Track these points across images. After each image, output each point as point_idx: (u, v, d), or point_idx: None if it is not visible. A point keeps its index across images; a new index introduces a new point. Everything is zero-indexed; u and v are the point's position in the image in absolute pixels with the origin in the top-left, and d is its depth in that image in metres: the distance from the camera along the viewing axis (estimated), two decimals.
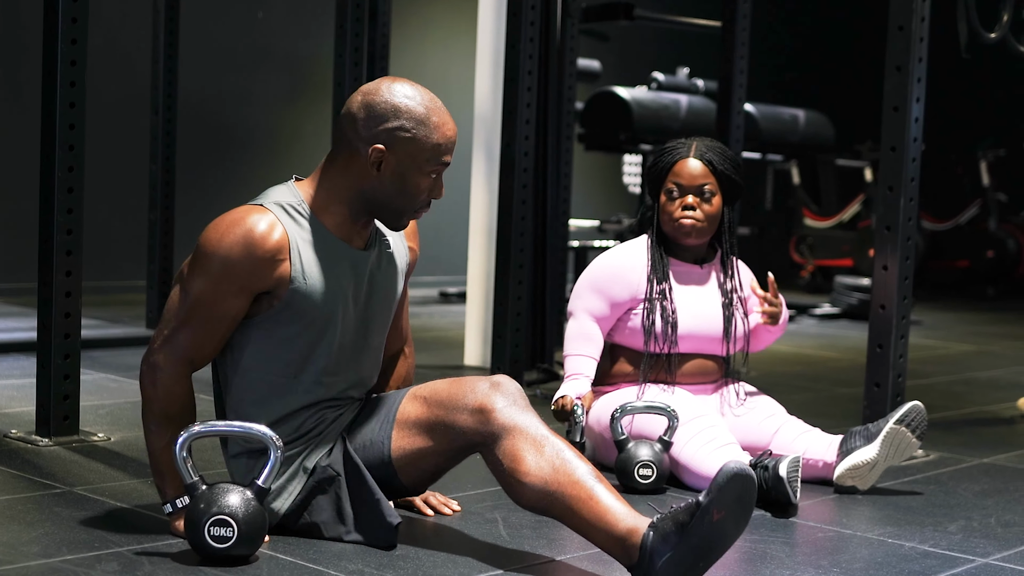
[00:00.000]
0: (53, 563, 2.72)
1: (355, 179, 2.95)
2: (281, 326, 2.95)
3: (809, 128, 9.91)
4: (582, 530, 2.77)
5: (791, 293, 10.97)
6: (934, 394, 5.78)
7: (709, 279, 4.02)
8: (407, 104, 2.92)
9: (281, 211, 2.93)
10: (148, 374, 2.92)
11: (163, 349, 2.91)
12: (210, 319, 2.89)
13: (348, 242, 3.01)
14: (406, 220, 3.03)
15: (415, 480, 3.04)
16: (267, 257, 2.86)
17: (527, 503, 2.84)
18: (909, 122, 4.25)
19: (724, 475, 2.62)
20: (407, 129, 2.90)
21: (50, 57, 3.93)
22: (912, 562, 3.07)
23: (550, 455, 2.81)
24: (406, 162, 2.92)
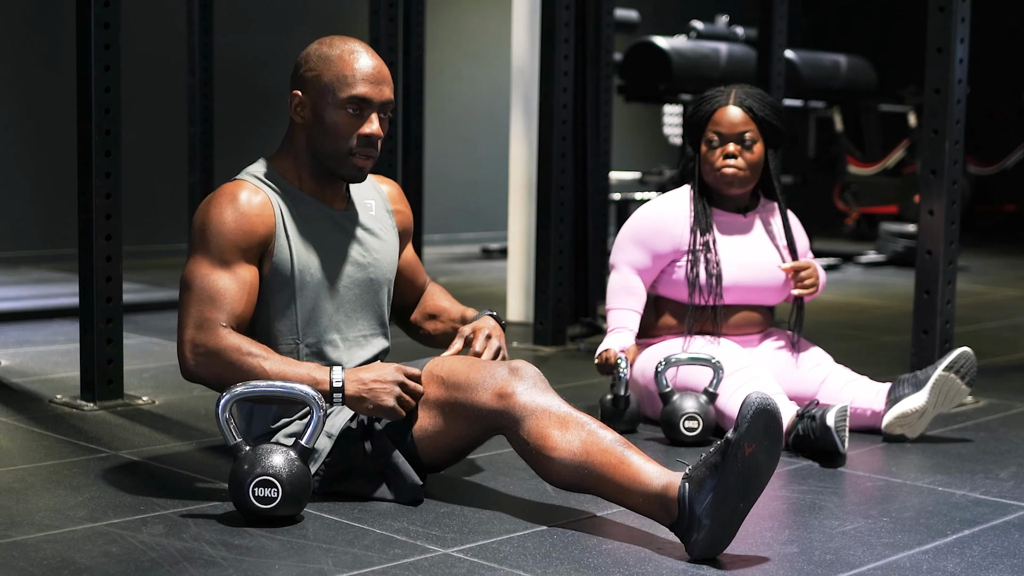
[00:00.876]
0: (99, 527, 2.72)
1: (298, 135, 3.04)
2: (276, 292, 2.98)
3: (851, 74, 9.80)
4: (617, 496, 2.74)
5: (836, 241, 10.89)
6: (982, 340, 5.72)
7: (753, 227, 3.96)
8: (319, 49, 3.00)
9: (256, 180, 3.02)
10: (193, 356, 2.88)
11: (191, 328, 2.89)
12: (226, 289, 2.89)
13: (326, 203, 3.07)
14: (348, 165, 3.01)
15: (436, 458, 3.00)
16: (255, 213, 2.93)
17: (558, 478, 2.81)
18: (953, 63, 4.18)
19: (748, 407, 2.58)
20: (312, 68, 2.99)
21: (84, 20, 3.92)
22: (963, 510, 3.03)
23: (575, 429, 2.78)
24: (318, 101, 2.98)
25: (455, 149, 10.84)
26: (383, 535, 2.71)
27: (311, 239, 3.01)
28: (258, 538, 2.66)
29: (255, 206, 2.94)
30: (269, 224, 2.95)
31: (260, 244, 2.94)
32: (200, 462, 3.33)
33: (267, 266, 2.97)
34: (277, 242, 2.96)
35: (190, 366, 2.89)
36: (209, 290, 2.89)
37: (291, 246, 2.98)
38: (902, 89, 11.27)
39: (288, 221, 2.98)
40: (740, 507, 2.60)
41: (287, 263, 2.97)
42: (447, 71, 10.72)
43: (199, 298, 2.89)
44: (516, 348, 5.30)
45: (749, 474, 2.58)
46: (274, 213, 2.96)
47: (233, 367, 2.85)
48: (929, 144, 4.23)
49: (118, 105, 3.96)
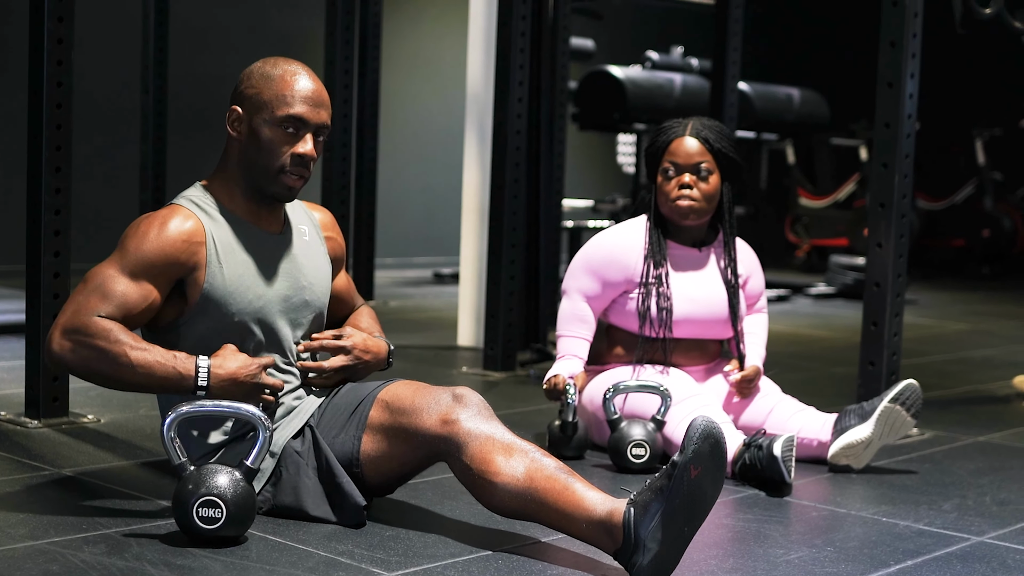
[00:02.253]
0: (40, 545, 2.69)
1: (230, 154, 3.05)
2: (210, 318, 2.97)
3: (804, 107, 9.88)
4: (560, 523, 2.73)
5: (786, 273, 10.95)
6: (929, 373, 5.76)
7: (708, 262, 3.97)
8: (262, 68, 3.03)
9: (192, 204, 3.01)
10: (60, 338, 2.84)
11: (68, 314, 2.86)
12: (124, 293, 2.87)
13: (261, 226, 3.07)
14: (279, 183, 3.01)
15: (381, 482, 3.00)
16: (183, 240, 2.93)
17: (500, 504, 2.79)
18: (903, 98, 4.22)
19: (694, 430, 2.59)
20: (253, 85, 3.01)
21: (37, 35, 3.89)
22: (907, 541, 3.05)
23: (519, 456, 2.78)
24: (255, 117, 3.00)
25: (409, 173, 10.84)
26: (327, 557, 2.70)
27: (244, 264, 3.00)
28: (201, 559, 2.64)
29: (184, 232, 2.93)
30: (197, 252, 2.94)
31: (178, 270, 2.92)
32: (144, 481, 3.30)
33: (196, 292, 2.95)
34: (208, 270, 2.95)
35: (53, 347, 2.85)
36: (103, 287, 2.87)
37: (223, 272, 2.96)
38: (854, 123, 11.38)
39: (220, 247, 2.98)
40: (685, 531, 2.60)
41: (220, 290, 2.96)
42: (402, 95, 10.73)
43: (89, 292, 2.87)
44: (466, 373, 5.29)
45: (694, 497, 2.59)
46: (204, 241, 2.95)
47: (96, 354, 2.82)
48: (878, 177, 4.27)
49: (69, 121, 3.93)
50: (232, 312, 2.98)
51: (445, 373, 5.29)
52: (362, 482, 2.96)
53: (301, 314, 3.10)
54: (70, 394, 4.03)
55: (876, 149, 4.28)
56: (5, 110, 8.30)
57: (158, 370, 2.83)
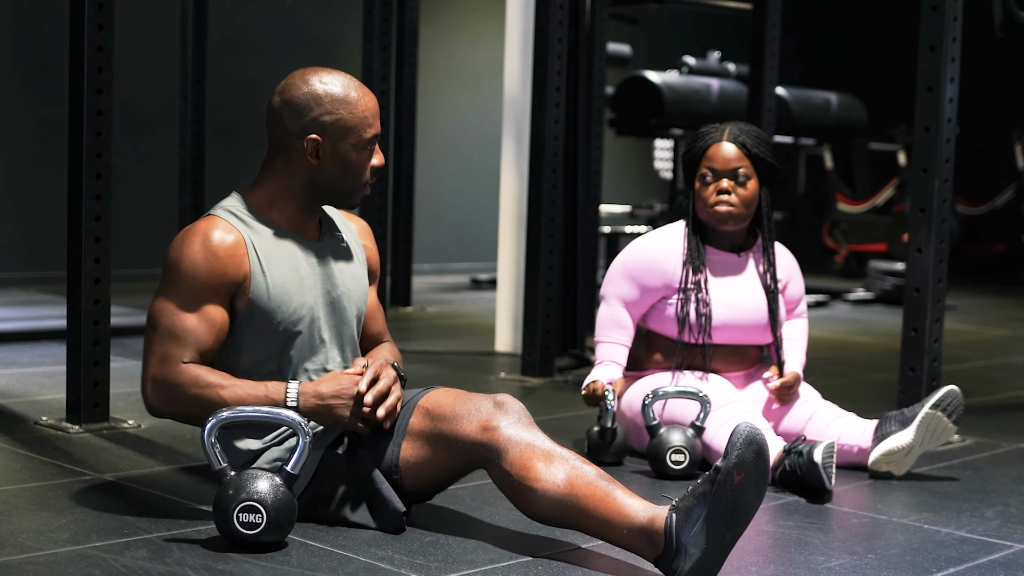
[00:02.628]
0: (82, 550, 2.71)
1: (299, 173, 3.03)
2: (255, 326, 2.99)
3: (842, 111, 9.84)
4: (601, 530, 2.72)
5: (825, 279, 10.91)
6: (970, 379, 5.72)
7: (747, 267, 3.95)
8: (325, 89, 3.00)
9: (229, 215, 3.02)
10: (154, 392, 2.93)
11: (154, 366, 2.93)
12: (193, 329, 2.91)
13: (301, 234, 3.08)
14: (358, 197, 3.09)
15: (420, 489, 3.00)
16: (228, 255, 2.94)
17: (539, 511, 2.79)
18: (943, 102, 4.20)
19: (738, 436, 2.59)
20: (332, 112, 2.99)
21: (77, 43, 3.92)
22: (948, 548, 3.03)
23: (559, 463, 2.77)
24: (341, 143, 3.00)
25: (446, 179, 10.86)
26: (367, 563, 2.70)
27: (287, 272, 3.01)
28: (241, 564, 2.65)
29: (228, 246, 2.94)
30: (241, 264, 2.95)
31: (231, 285, 2.95)
32: (185, 486, 3.32)
33: (243, 303, 2.97)
34: (253, 279, 2.96)
35: (152, 402, 2.94)
36: (174, 329, 2.91)
37: (268, 282, 2.97)
38: (892, 128, 11.33)
39: (263, 257, 2.98)
40: (727, 537, 2.59)
41: (264, 299, 2.97)
42: (439, 101, 10.74)
43: (163, 336, 2.92)
44: (503, 379, 5.29)
45: (737, 503, 2.58)
46: (247, 252, 2.96)
47: (192, 400, 2.89)
48: (918, 182, 4.25)
49: (110, 128, 3.96)
50: (277, 320, 2.99)
51: (483, 379, 5.29)
52: (401, 489, 2.96)
53: (341, 319, 3.11)
54: (111, 399, 4.05)
55: (916, 154, 4.26)
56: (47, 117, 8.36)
57: (250, 402, 2.86)
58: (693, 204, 3.93)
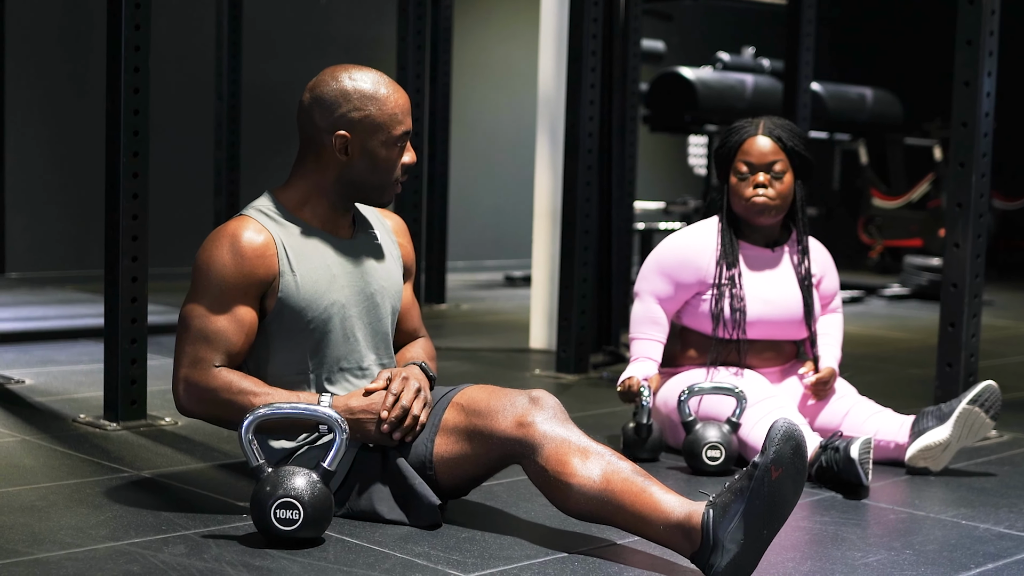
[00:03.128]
0: (121, 546, 2.73)
1: (329, 170, 3.04)
2: (286, 324, 3.00)
3: (877, 106, 9.80)
4: (637, 526, 2.72)
5: (860, 274, 10.86)
6: (1007, 374, 5.69)
7: (781, 262, 3.95)
8: (354, 85, 3.00)
9: (260, 215, 3.03)
10: (186, 394, 2.95)
11: (186, 367, 2.95)
12: (223, 330, 2.93)
13: (332, 233, 3.09)
14: (389, 194, 3.09)
15: (454, 485, 3.00)
16: (257, 256, 2.95)
17: (575, 507, 2.79)
18: (980, 97, 4.18)
19: (776, 431, 2.59)
20: (361, 108, 2.99)
21: (114, 43, 3.95)
22: (987, 544, 3.02)
23: (595, 458, 2.78)
24: (370, 139, 3.00)
25: (480, 176, 10.87)
26: (404, 559, 2.71)
27: (318, 271, 3.02)
28: (279, 560, 2.66)
29: (257, 247, 2.95)
30: (271, 265, 2.96)
31: (260, 285, 2.96)
32: (222, 483, 3.33)
33: (272, 302, 2.98)
34: (282, 279, 2.97)
35: (183, 403, 2.96)
36: (205, 330, 2.93)
37: (297, 281, 2.98)
38: (928, 123, 11.27)
39: (293, 257, 2.99)
40: (764, 533, 2.59)
41: (294, 297, 2.98)
42: (473, 98, 10.75)
43: (194, 338, 2.94)
44: (538, 376, 5.29)
45: (775, 499, 2.58)
46: (276, 253, 2.97)
47: (224, 405, 2.92)
48: (956, 177, 4.23)
49: (146, 127, 3.98)
50: (308, 318, 3.00)
51: (517, 376, 5.30)
52: (435, 484, 2.97)
53: (375, 317, 3.12)
54: (148, 397, 4.07)
55: (953, 148, 4.24)
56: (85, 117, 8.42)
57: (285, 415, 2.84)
58: (727, 199, 3.92)
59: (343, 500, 2.98)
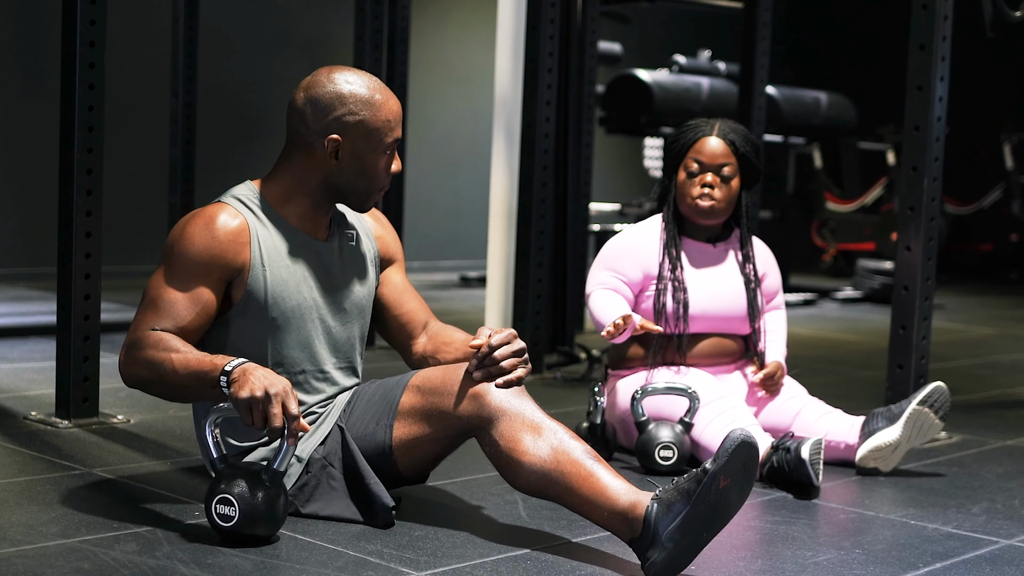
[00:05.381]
0: (71, 543, 2.72)
1: (315, 171, 3.01)
2: (249, 319, 2.98)
3: (831, 111, 9.86)
4: (582, 508, 2.76)
5: (813, 277, 10.93)
6: (957, 377, 5.74)
7: (725, 258, 3.98)
8: (350, 89, 2.96)
9: (239, 203, 3.00)
10: (124, 355, 2.87)
11: (130, 332, 2.90)
12: (176, 302, 2.88)
13: (309, 233, 3.06)
14: (371, 201, 3.07)
15: (414, 467, 3.02)
16: (228, 240, 2.92)
17: (524, 484, 2.82)
18: (933, 101, 4.21)
19: (731, 442, 2.62)
20: (355, 113, 2.95)
21: (69, 39, 3.92)
22: (935, 544, 3.05)
23: (547, 436, 2.81)
24: (362, 145, 2.97)
25: (436, 176, 10.86)
26: (357, 557, 2.71)
27: (288, 269, 3.00)
28: (231, 557, 2.66)
29: (230, 231, 2.93)
30: (242, 252, 2.94)
31: (226, 269, 2.93)
32: (175, 481, 3.32)
33: (239, 293, 2.96)
34: (252, 270, 2.96)
35: (121, 369, 2.89)
36: (158, 300, 2.89)
37: (266, 275, 2.97)
38: (881, 127, 11.35)
39: (266, 249, 2.97)
40: (704, 536, 2.63)
41: (261, 291, 2.97)
42: (430, 99, 10.74)
43: (146, 306, 2.90)
44: None
45: (719, 506, 2.62)
46: (250, 241, 2.95)
47: (146, 362, 2.82)
48: (908, 180, 4.27)
49: (101, 123, 3.96)
50: (272, 316, 2.98)
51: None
52: (395, 469, 2.98)
53: (341, 321, 3.11)
54: (100, 395, 4.05)
55: (905, 152, 4.28)
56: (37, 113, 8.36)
57: (194, 365, 2.77)
58: (674, 195, 3.94)
59: (295, 499, 2.98)
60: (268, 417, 2.66)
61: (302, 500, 2.98)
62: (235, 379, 2.70)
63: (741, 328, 3.96)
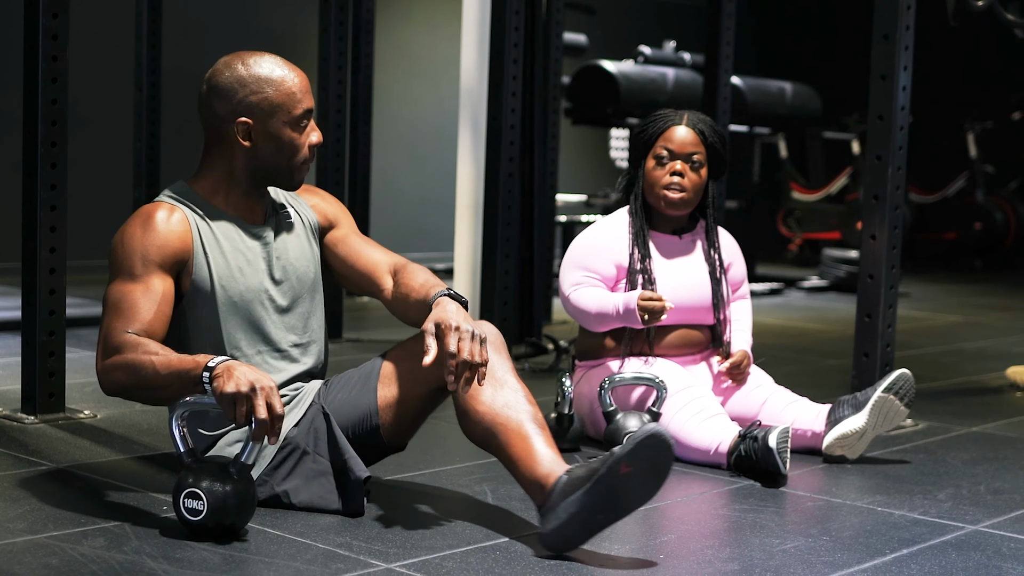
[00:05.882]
0: (39, 539, 2.70)
1: (235, 158, 3.02)
2: (197, 309, 2.99)
3: (796, 101, 9.89)
4: (510, 466, 2.86)
5: (779, 266, 10.97)
6: (923, 364, 5.78)
7: (692, 249, 3.99)
8: (248, 71, 2.99)
9: (173, 200, 3.02)
10: (101, 362, 2.86)
11: (100, 344, 2.89)
12: (137, 303, 2.87)
13: (245, 219, 3.08)
14: (298, 176, 3.07)
15: (398, 431, 3.07)
16: (168, 231, 2.94)
17: (470, 430, 2.94)
18: (896, 91, 4.23)
19: (643, 433, 2.69)
20: (258, 91, 2.98)
21: (31, 31, 3.90)
22: (902, 530, 3.07)
23: (505, 393, 2.91)
24: (271, 122, 2.99)
25: (402, 168, 10.84)
26: (326, 549, 2.71)
27: (230, 255, 3.02)
28: (199, 551, 2.65)
29: (170, 223, 2.95)
30: (185, 241, 2.96)
31: (174, 257, 2.94)
32: (142, 475, 3.31)
33: (187, 283, 2.98)
34: (195, 259, 2.97)
35: (100, 377, 2.88)
36: (120, 305, 2.88)
37: (210, 263, 2.99)
38: (846, 117, 11.39)
39: (206, 239, 3.00)
40: (599, 518, 2.71)
41: (206, 280, 2.99)
42: (395, 91, 10.72)
43: (110, 314, 2.89)
44: None
45: (618, 492, 2.69)
46: (191, 230, 2.98)
47: (127, 366, 2.80)
48: (872, 170, 4.28)
49: (65, 117, 3.94)
50: (219, 304, 3.00)
51: None
52: (379, 434, 3.04)
53: (291, 298, 3.13)
54: (66, 390, 4.03)
55: (869, 141, 4.29)
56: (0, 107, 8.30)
57: (176, 365, 2.75)
58: (641, 185, 3.95)
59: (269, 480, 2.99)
60: (253, 410, 2.65)
61: (277, 479, 2.99)
62: (218, 375, 2.69)
63: (708, 319, 3.98)
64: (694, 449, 3.65)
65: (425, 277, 3.10)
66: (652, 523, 3.10)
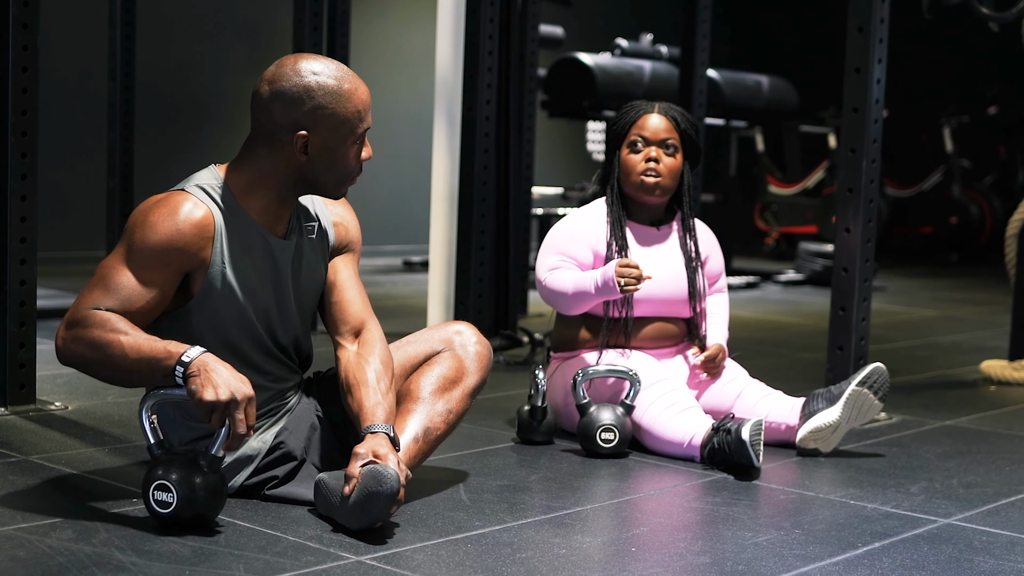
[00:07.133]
0: (6, 531, 2.68)
1: (283, 165, 2.91)
2: (204, 314, 2.91)
3: (773, 94, 9.90)
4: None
5: (756, 260, 10.99)
6: (897, 358, 5.79)
7: (666, 241, 3.99)
8: (317, 80, 2.86)
9: (204, 193, 2.90)
10: (64, 331, 2.77)
11: (73, 307, 2.81)
12: (126, 286, 2.79)
13: (269, 229, 2.97)
14: (344, 189, 3.02)
15: None
16: (192, 233, 2.83)
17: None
18: (871, 83, 4.23)
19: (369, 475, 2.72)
20: (324, 106, 2.86)
21: (2, 20, 3.87)
22: (874, 523, 3.07)
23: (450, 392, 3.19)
24: (332, 137, 2.89)
25: (378, 161, 10.80)
26: (296, 542, 2.70)
27: (244, 266, 2.93)
28: (169, 544, 2.64)
29: (195, 224, 2.83)
30: (205, 247, 2.85)
31: (188, 263, 2.84)
32: (112, 468, 3.29)
33: (199, 285, 2.89)
34: (212, 267, 2.88)
35: (57, 343, 2.79)
36: (108, 280, 2.80)
37: (224, 269, 2.89)
38: (823, 111, 11.42)
39: (226, 243, 2.89)
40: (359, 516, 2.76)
41: (218, 288, 2.89)
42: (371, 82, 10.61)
43: (96, 284, 2.81)
44: None
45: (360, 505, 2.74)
46: (213, 235, 2.86)
47: (91, 341, 2.73)
48: (846, 163, 4.28)
49: (35, 107, 3.91)
50: (223, 314, 2.92)
51: None
52: None
53: (288, 323, 3.06)
54: (37, 381, 4.01)
55: (844, 135, 4.30)
56: None
57: (146, 350, 2.70)
58: (618, 175, 3.95)
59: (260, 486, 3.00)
60: (232, 423, 2.64)
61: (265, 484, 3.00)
62: (193, 373, 2.66)
63: (684, 311, 3.97)
64: (667, 442, 3.65)
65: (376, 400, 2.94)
66: (624, 516, 3.10)
